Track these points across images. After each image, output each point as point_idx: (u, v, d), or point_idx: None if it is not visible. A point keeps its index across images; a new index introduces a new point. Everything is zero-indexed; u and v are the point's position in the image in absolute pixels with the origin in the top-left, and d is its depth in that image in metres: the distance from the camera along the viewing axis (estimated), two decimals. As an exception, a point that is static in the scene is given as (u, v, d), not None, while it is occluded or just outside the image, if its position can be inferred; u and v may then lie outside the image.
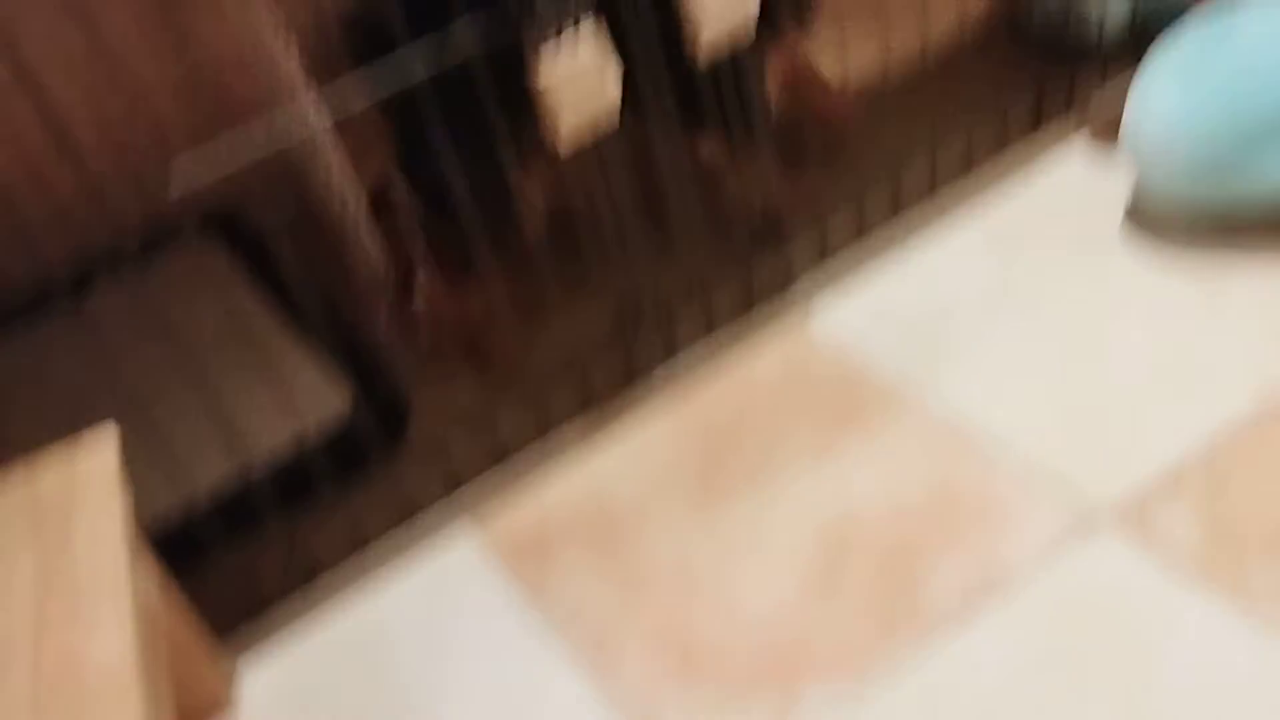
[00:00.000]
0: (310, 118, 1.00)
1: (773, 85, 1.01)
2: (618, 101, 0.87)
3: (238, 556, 0.94)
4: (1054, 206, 1.13)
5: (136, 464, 0.80)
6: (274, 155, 1.27)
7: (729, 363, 1.07)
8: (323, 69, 0.95)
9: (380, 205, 1.22)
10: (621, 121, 0.90)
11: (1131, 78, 1.17)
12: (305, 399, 1.09)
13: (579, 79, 0.85)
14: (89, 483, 0.76)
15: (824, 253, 1.10)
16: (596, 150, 0.91)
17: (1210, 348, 0.96)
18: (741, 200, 1.09)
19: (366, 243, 1.15)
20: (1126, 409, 0.93)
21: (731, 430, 1.01)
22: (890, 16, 1.04)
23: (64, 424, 0.86)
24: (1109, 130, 1.18)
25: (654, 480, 0.98)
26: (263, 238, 1.10)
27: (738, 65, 0.97)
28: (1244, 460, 0.87)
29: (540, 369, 1.01)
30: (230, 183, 1.03)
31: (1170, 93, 0.98)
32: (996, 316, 1.04)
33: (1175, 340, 0.97)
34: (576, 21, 0.85)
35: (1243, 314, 0.98)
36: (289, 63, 1.01)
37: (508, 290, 0.97)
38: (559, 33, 0.84)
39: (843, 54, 1.05)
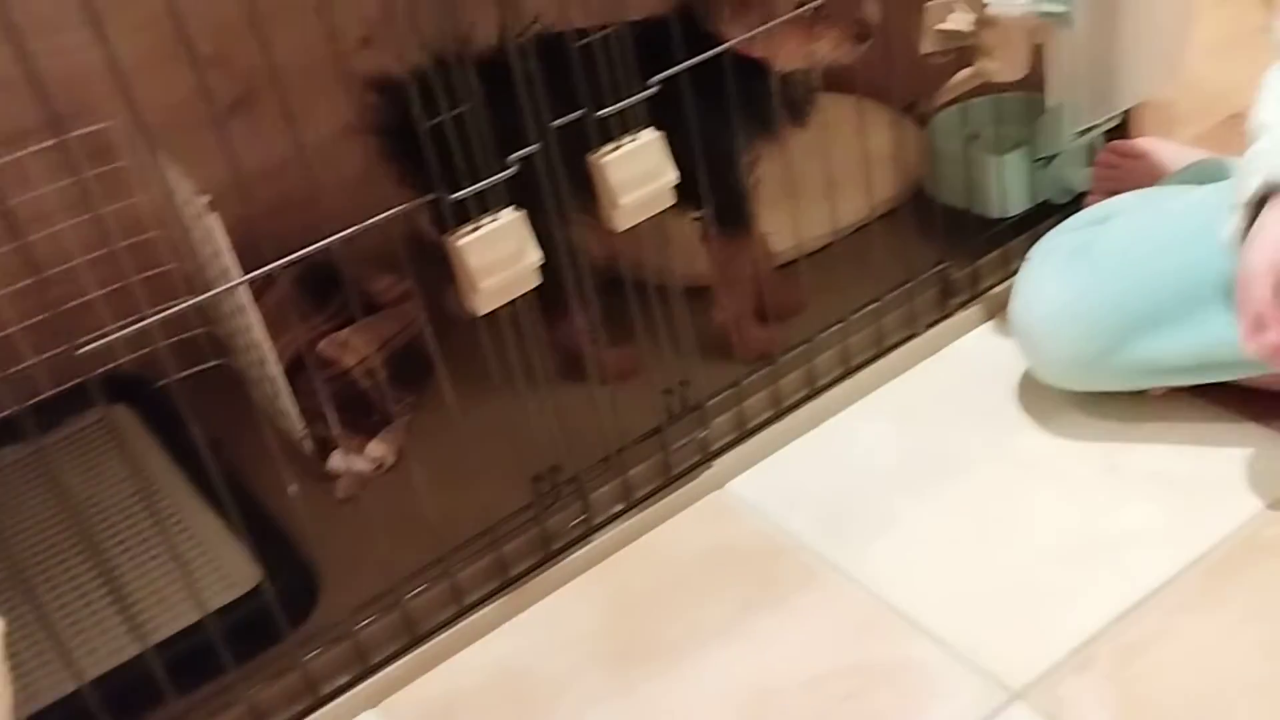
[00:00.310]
0: (227, 280, 1.01)
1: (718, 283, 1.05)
2: (535, 266, 0.89)
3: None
4: (961, 384, 1.16)
5: (23, 651, 0.76)
6: (189, 317, 1.27)
7: (647, 536, 1.06)
8: (242, 231, 0.96)
9: (299, 369, 1.22)
10: (539, 290, 0.91)
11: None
12: (210, 574, 1.05)
13: (496, 242, 0.86)
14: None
15: (741, 429, 1.12)
16: (513, 317, 0.92)
17: (1112, 521, 0.98)
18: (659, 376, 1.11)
19: (284, 407, 1.14)
20: (1036, 584, 0.94)
21: (649, 603, 1.00)
22: (801, 198, 1.09)
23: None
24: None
25: (570, 655, 0.96)
26: (173, 403, 1.08)
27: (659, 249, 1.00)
28: (1153, 634, 0.88)
29: (453, 541, 0.99)
30: (141, 345, 1.02)
31: (1049, 289, 1.05)
32: (909, 492, 1.05)
33: (1081, 514, 0.99)
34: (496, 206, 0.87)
35: (1140, 486, 1.01)
36: (205, 226, 1.02)
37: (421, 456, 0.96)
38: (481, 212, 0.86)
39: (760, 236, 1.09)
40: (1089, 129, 1.22)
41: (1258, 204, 0.87)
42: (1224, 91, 1.50)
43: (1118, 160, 1.25)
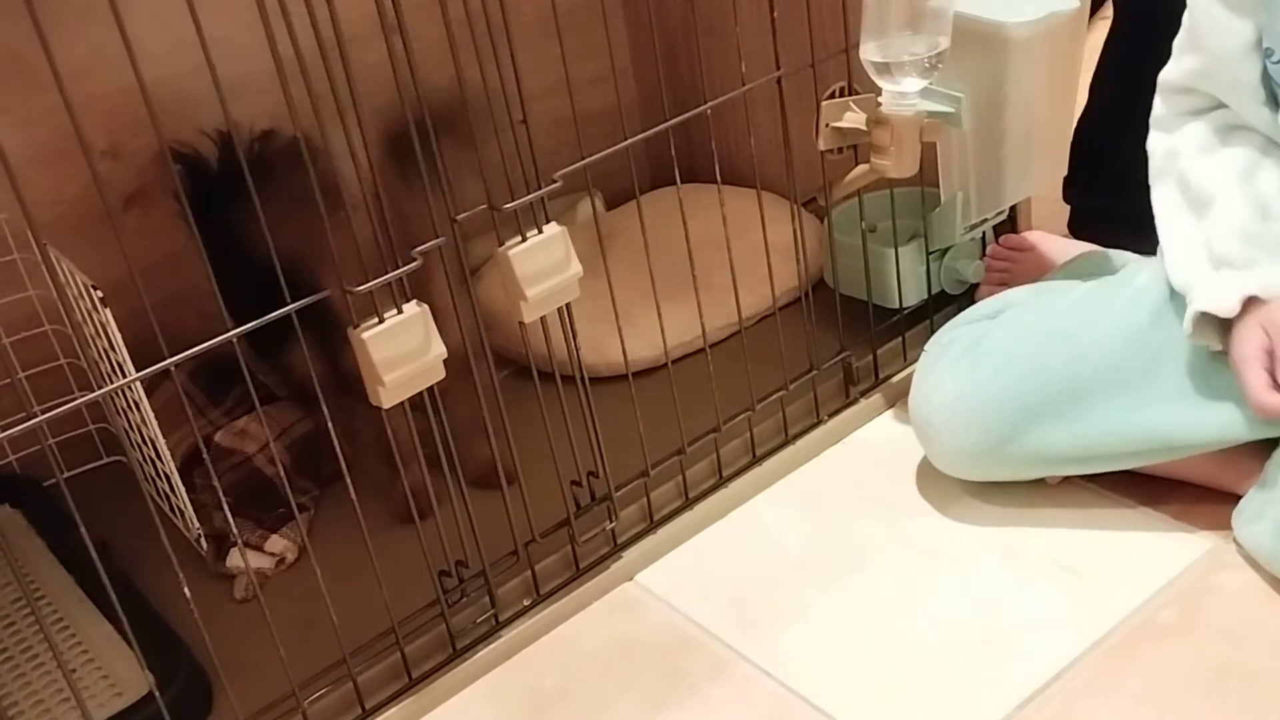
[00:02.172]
0: (119, 376, 0.98)
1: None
2: (442, 358, 0.88)
3: None
4: (864, 471, 1.18)
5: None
6: (80, 414, 1.24)
7: (556, 630, 1.04)
8: (136, 325, 0.94)
9: (195, 464, 1.18)
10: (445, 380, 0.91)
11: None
12: (98, 682, 1.01)
13: (400, 335, 0.86)
14: None
15: (650, 520, 1.11)
16: (419, 409, 0.91)
17: (1013, 606, 0.99)
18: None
19: (178, 503, 1.10)
20: (942, 671, 0.95)
21: (559, 702, 0.98)
22: (705, 290, 1.10)
23: None
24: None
25: (477, 760, 0.94)
26: (62, 503, 1.04)
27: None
28: (1055, 719, 0.89)
29: (355, 641, 0.96)
30: (30, 444, 0.98)
31: (945, 382, 1.08)
32: (817, 580, 1.06)
33: (982, 600, 1.01)
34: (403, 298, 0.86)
35: (1039, 571, 1.02)
36: (99, 320, 1.00)
37: (323, 552, 0.93)
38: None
39: (660, 325, 1.10)
40: (979, 223, 1.26)
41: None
42: (1105, 187, 1.57)
43: (1007, 254, 1.29)
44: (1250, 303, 0.92)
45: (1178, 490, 1.06)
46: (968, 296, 1.31)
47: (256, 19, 0.76)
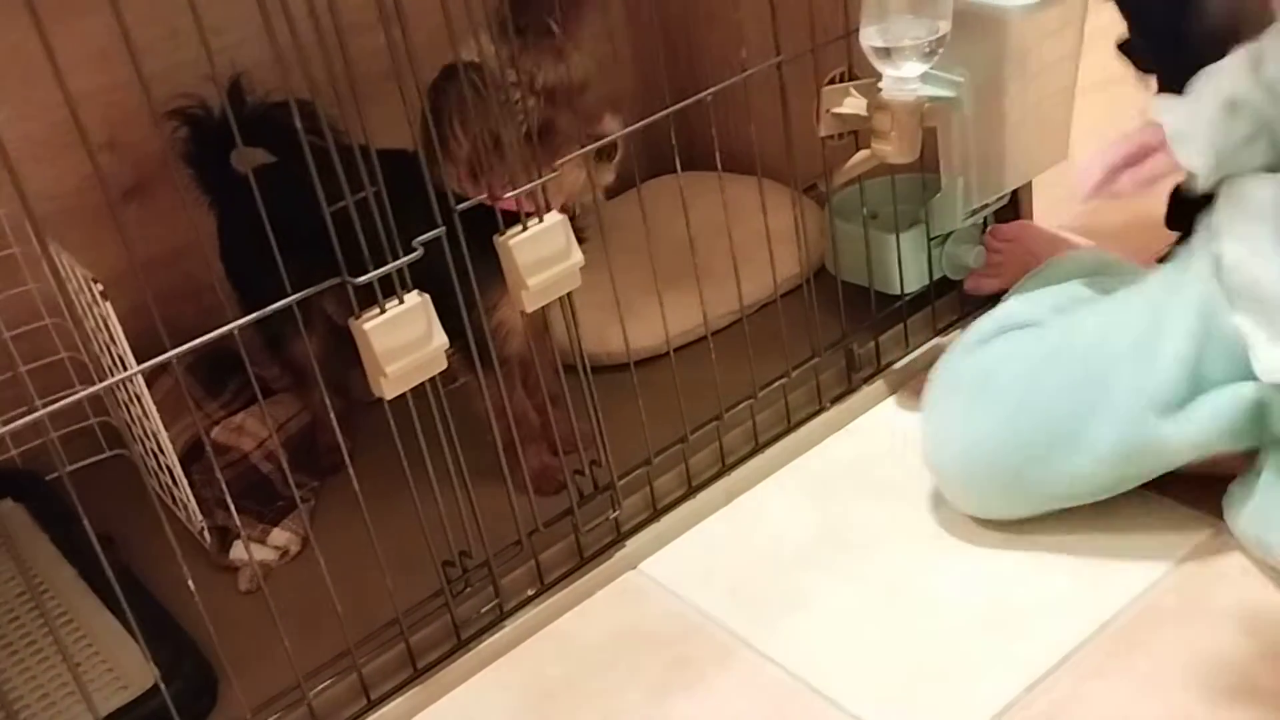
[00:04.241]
0: (122, 368, 0.98)
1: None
2: (443, 349, 0.88)
3: None
4: (867, 457, 1.18)
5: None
6: (82, 408, 1.24)
7: (560, 620, 1.04)
8: (136, 318, 0.94)
9: (195, 457, 1.18)
10: (446, 374, 0.90)
11: (931, 329, 1.26)
12: (103, 675, 1.01)
13: (402, 326, 0.86)
14: None
15: (653, 509, 1.11)
16: (421, 399, 0.91)
17: (1019, 591, 0.99)
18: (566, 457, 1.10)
19: (181, 498, 1.10)
20: (949, 656, 0.95)
21: (564, 691, 0.98)
22: (706, 278, 1.10)
23: None
24: (913, 383, 1.25)
25: (483, 749, 0.94)
26: (65, 497, 1.05)
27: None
28: (1063, 702, 0.89)
29: (360, 632, 0.96)
30: (32, 438, 0.98)
31: (955, 430, 1.05)
32: (821, 567, 1.06)
33: (988, 584, 1.01)
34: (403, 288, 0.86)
35: (1044, 556, 1.02)
36: (99, 314, 1.00)
37: (327, 544, 0.93)
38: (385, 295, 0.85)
39: (661, 313, 1.10)
40: (980, 208, 1.26)
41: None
42: (1105, 171, 1.56)
43: (997, 244, 1.30)
44: None
45: (1180, 474, 1.06)
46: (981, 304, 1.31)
47: (253, 8, 0.75)
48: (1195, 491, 1.04)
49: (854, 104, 1.08)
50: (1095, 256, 1.19)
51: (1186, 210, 1.29)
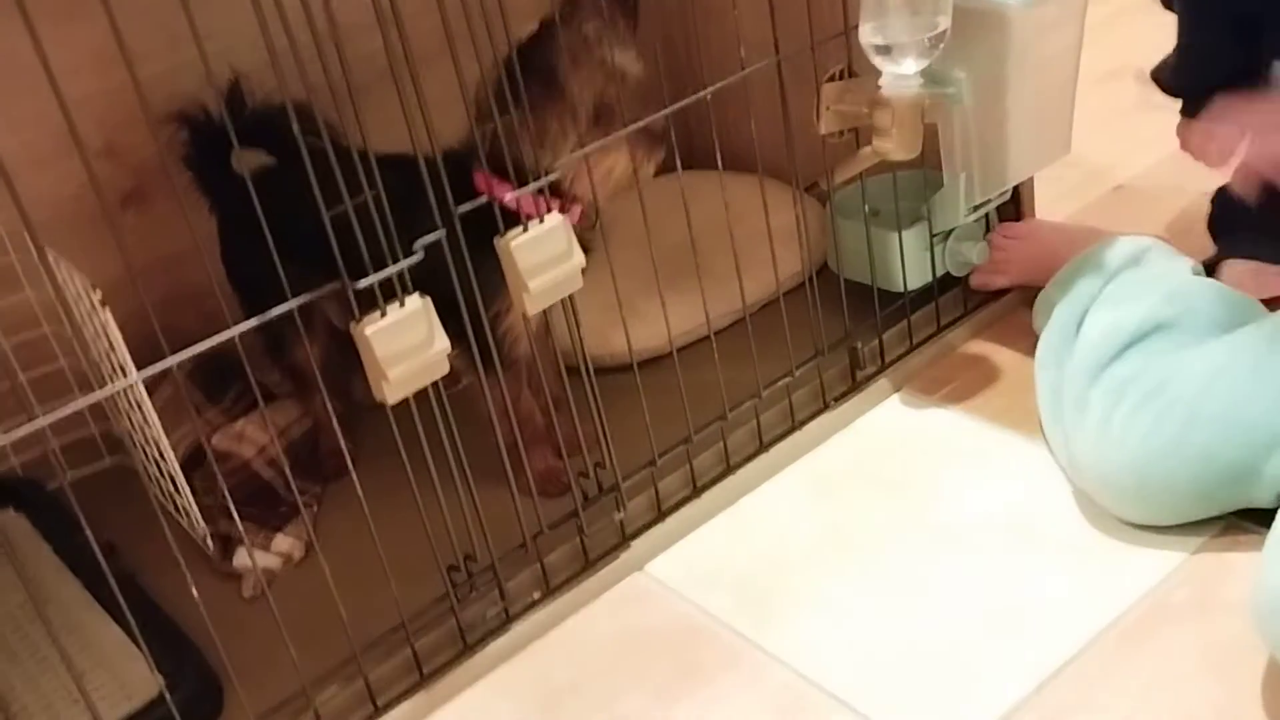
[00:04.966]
0: (122, 377, 0.97)
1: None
2: (445, 353, 0.88)
3: None
4: (871, 456, 1.17)
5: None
6: (83, 416, 1.23)
7: (566, 623, 1.04)
8: (135, 325, 0.93)
9: (196, 464, 1.18)
10: (449, 377, 0.90)
11: (935, 326, 1.26)
12: (107, 684, 1.00)
13: (404, 330, 0.85)
14: None
15: (658, 510, 1.11)
16: (423, 403, 0.90)
17: (1026, 589, 0.99)
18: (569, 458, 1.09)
19: (183, 503, 1.10)
20: (957, 656, 0.94)
21: (571, 694, 0.97)
22: (708, 276, 1.09)
23: None
24: (916, 380, 1.25)
25: (490, 754, 0.93)
26: (66, 506, 1.04)
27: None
28: (1073, 702, 0.88)
29: (365, 638, 0.96)
30: (31, 447, 0.97)
31: (1130, 440, 0.99)
32: (827, 567, 1.05)
33: (995, 584, 1.00)
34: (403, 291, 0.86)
35: (1051, 554, 1.02)
36: (98, 321, 0.99)
37: (330, 550, 0.93)
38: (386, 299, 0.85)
39: (663, 312, 1.09)
40: (983, 205, 1.25)
41: None
42: (1107, 166, 1.56)
43: (1005, 241, 1.29)
44: None
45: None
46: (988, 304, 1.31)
47: (248, 12, 0.74)
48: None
49: (854, 100, 1.08)
50: (1133, 243, 1.17)
51: (1230, 215, 1.29)
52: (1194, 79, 1.23)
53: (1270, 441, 0.94)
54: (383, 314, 0.84)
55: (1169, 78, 1.25)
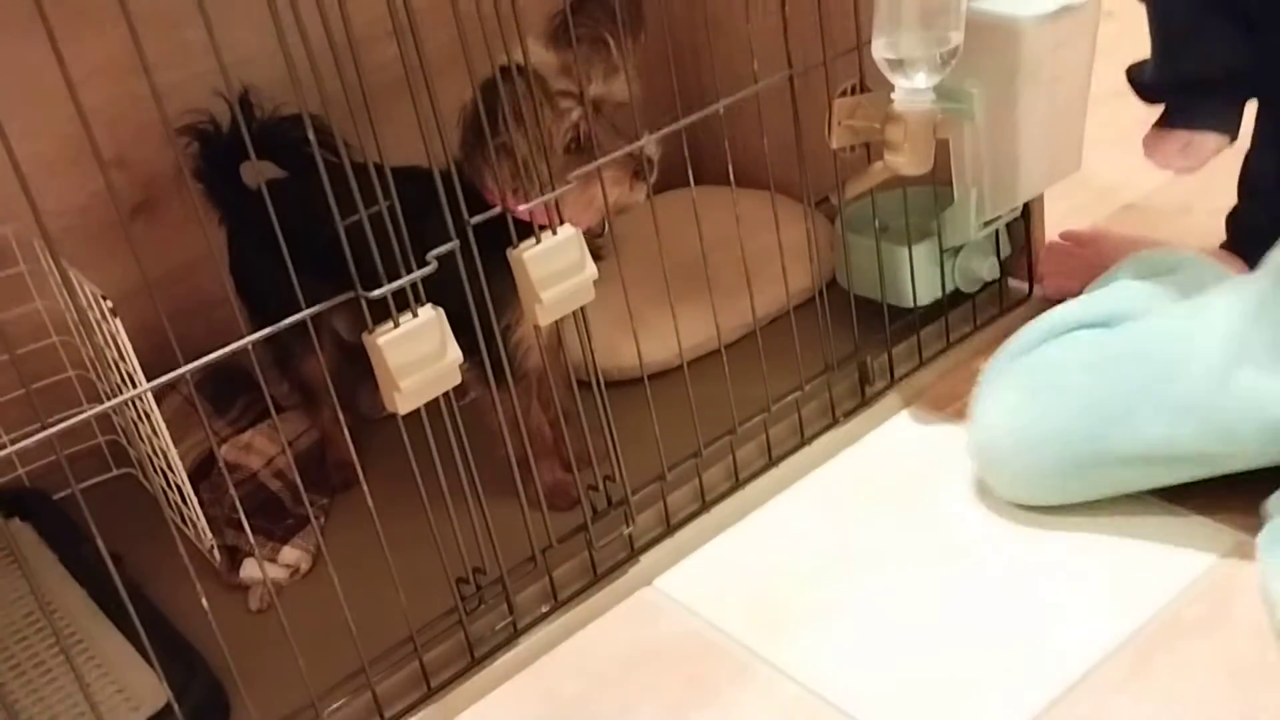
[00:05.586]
0: (130, 387, 0.97)
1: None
2: (457, 364, 0.87)
3: None
4: (881, 472, 1.17)
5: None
6: (91, 426, 1.23)
7: (574, 637, 1.03)
8: (145, 335, 0.93)
9: (203, 475, 1.17)
10: (459, 389, 0.90)
11: (944, 342, 1.25)
12: (113, 696, 1.00)
13: (416, 340, 0.85)
14: None
15: (667, 524, 1.10)
16: (433, 415, 0.90)
17: (1038, 605, 0.98)
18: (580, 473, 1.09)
19: (190, 515, 1.09)
20: (970, 672, 0.93)
21: (579, 709, 0.97)
22: (718, 291, 1.09)
23: None
24: (926, 396, 1.24)
25: (499, 769, 0.93)
26: (73, 516, 1.04)
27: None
28: (1087, 718, 0.88)
29: (373, 650, 0.95)
30: (40, 457, 0.97)
31: (1013, 417, 1.06)
32: (837, 583, 1.05)
33: (1007, 599, 0.99)
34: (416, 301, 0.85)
35: (1063, 570, 1.01)
36: (108, 330, 0.99)
37: (338, 562, 0.92)
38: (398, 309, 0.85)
39: (675, 327, 1.09)
40: (993, 220, 1.25)
41: None
42: (1117, 183, 1.57)
43: (1069, 247, 1.29)
44: None
45: (1203, 485, 1.05)
46: (982, 293, 1.31)
47: (265, 23, 0.74)
48: (1217, 504, 1.03)
49: (866, 115, 1.08)
50: (1167, 256, 1.18)
51: (1246, 235, 1.29)
52: (1169, 70, 1.24)
53: (1115, 417, 0.99)
54: (395, 324, 0.84)
55: (1140, 73, 1.25)
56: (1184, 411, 0.97)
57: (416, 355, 0.85)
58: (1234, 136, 1.26)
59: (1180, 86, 1.24)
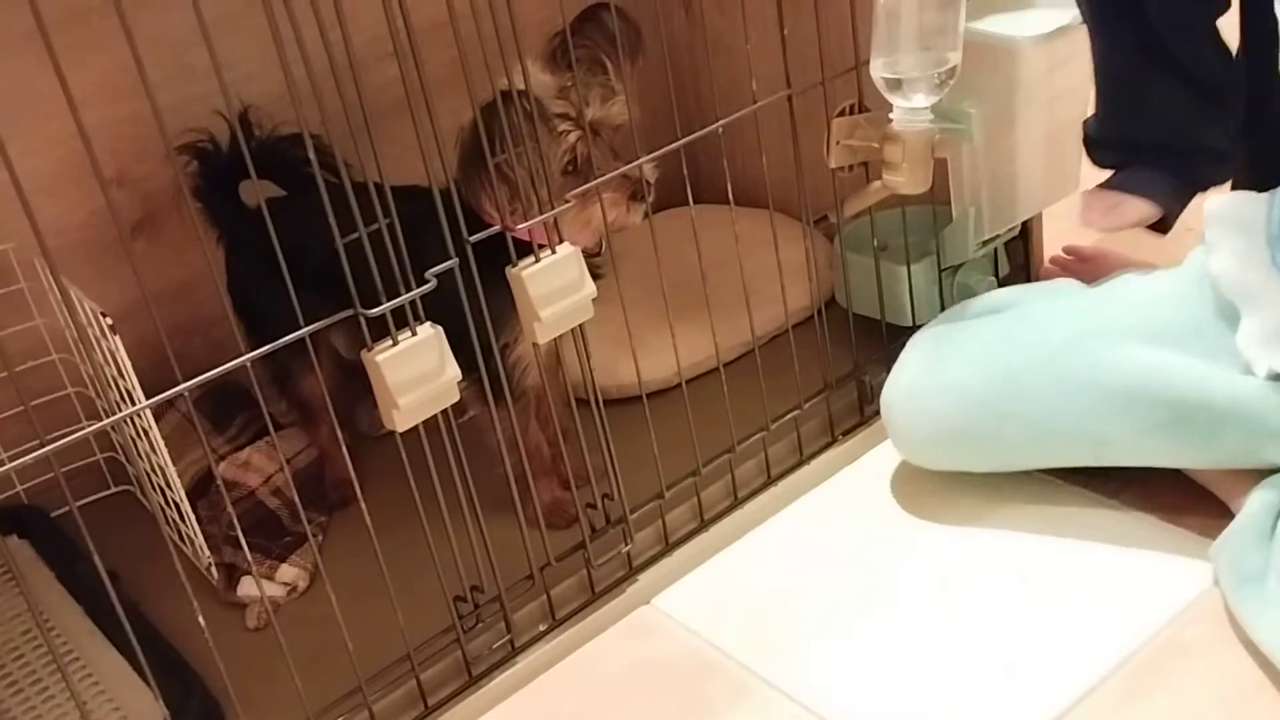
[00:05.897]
0: (129, 404, 0.97)
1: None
2: (456, 381, 0.87)
3: None
4: (880, 492, 1.17)
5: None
6: (88, 444, 1.23)
7: (572, 656, 1.03)
8: (144, 353, 0.93)
9: (201, 493, 1.17)
10: (458, 407, 0.90)
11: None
12: (110, 714, 0.99)
13: (415, 358, 0.85)
14: None
15: (665, 542, 1.10)
16: (431, 433, 0.90)
17: (1036, 627, 0.98)
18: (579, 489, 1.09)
19: (187, 532, 1.09)
20: (967, 693, 0.93)
21: (577, 730, 0.97)
22: (717, 309, 1.09)
23: None
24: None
25: (496, 788, 0.92)
26: (70, 533, 1.04)
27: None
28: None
29: (370, 669, 0.95)
30: (38, 474, 0.96)
31: (913, 373, 1.10)
32: (835, 602, 1.04)
33: (1005, 621, 0.99)
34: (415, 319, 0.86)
35: (1060, 591, 1.01)
36: (108, 348, 0.99)
37: (335, 580, 0.92)
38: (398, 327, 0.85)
39: (674, 345, 1.09)
40: (991, 239, 1.25)
41: None
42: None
43: (1071, 262, 1.30)
44: None
45: (1199, 504, 1.05)
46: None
47: (265, 43, 0.75)
48: (1211, 523, 1.03)
49: (865, 135, 1.08)
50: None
51: None
52: (1110, 124, 1.26)
53: (1007, 377, 1.03)
54: (394, 342, 0.84)
55: (1087, 127, 1.25)
56: (1071, 382, 1.00)
57: (415, 373, 0.85)
58: (1168, 216, 1.26)
59: (1121, 144, 1.25)
